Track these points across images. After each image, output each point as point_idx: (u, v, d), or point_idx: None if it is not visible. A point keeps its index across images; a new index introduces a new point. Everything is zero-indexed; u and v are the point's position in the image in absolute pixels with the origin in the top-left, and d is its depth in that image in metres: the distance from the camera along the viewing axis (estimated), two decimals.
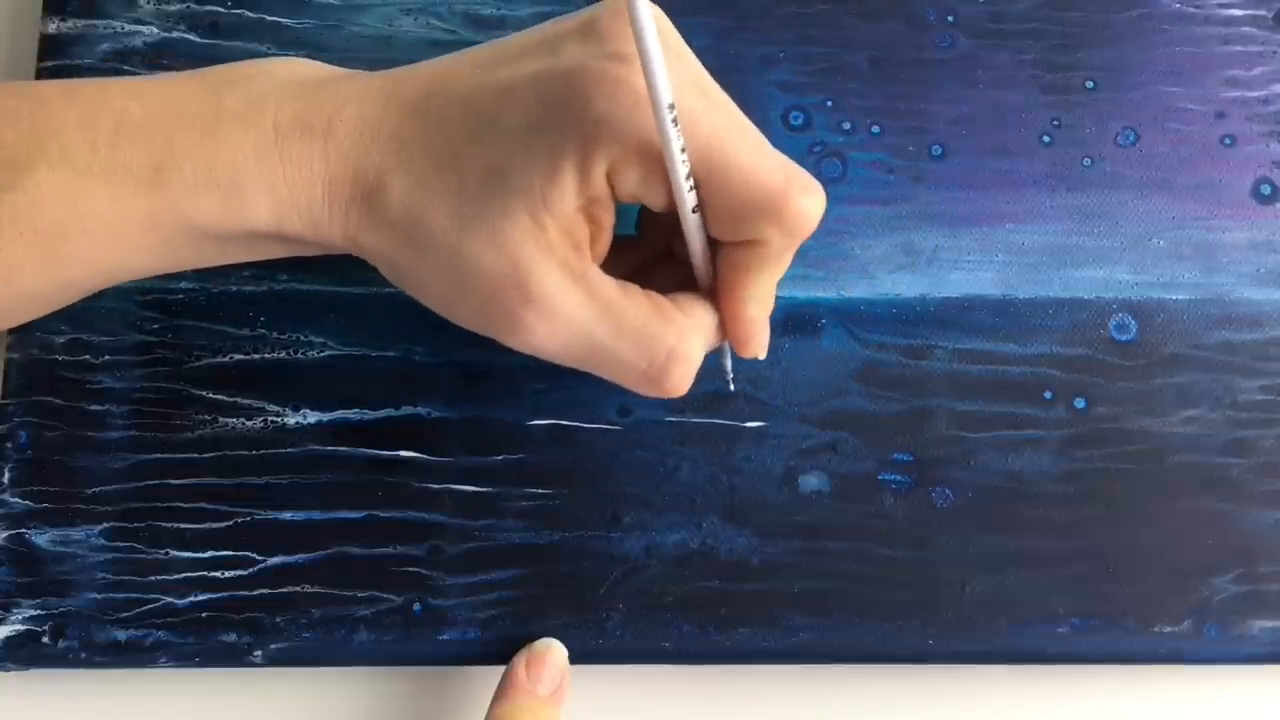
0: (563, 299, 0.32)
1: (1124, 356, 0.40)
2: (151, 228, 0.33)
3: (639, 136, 0.30)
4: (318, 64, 0.35)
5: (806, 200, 0.31)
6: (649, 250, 0.36)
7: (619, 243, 0.36)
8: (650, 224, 0.35)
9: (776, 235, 0.32)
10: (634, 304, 0.33)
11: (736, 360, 0.38)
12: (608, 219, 0.33)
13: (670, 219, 0.33)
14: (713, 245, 0.34)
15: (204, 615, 0.37)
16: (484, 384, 0.39)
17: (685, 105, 0.30)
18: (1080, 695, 0.39)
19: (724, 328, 0.34)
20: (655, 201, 0.32)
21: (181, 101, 0.33)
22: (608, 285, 0.32)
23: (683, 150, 0.30)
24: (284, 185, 0.32)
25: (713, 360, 0.39)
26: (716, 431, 0.39)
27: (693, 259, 0.34)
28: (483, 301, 0.32)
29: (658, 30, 0.31)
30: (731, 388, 0.39)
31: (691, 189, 0.31)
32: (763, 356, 0.35)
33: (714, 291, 0.34)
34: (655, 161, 0.31)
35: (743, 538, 0.38)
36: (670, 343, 0.33)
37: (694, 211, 0.32)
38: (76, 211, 0.32)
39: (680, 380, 0.33)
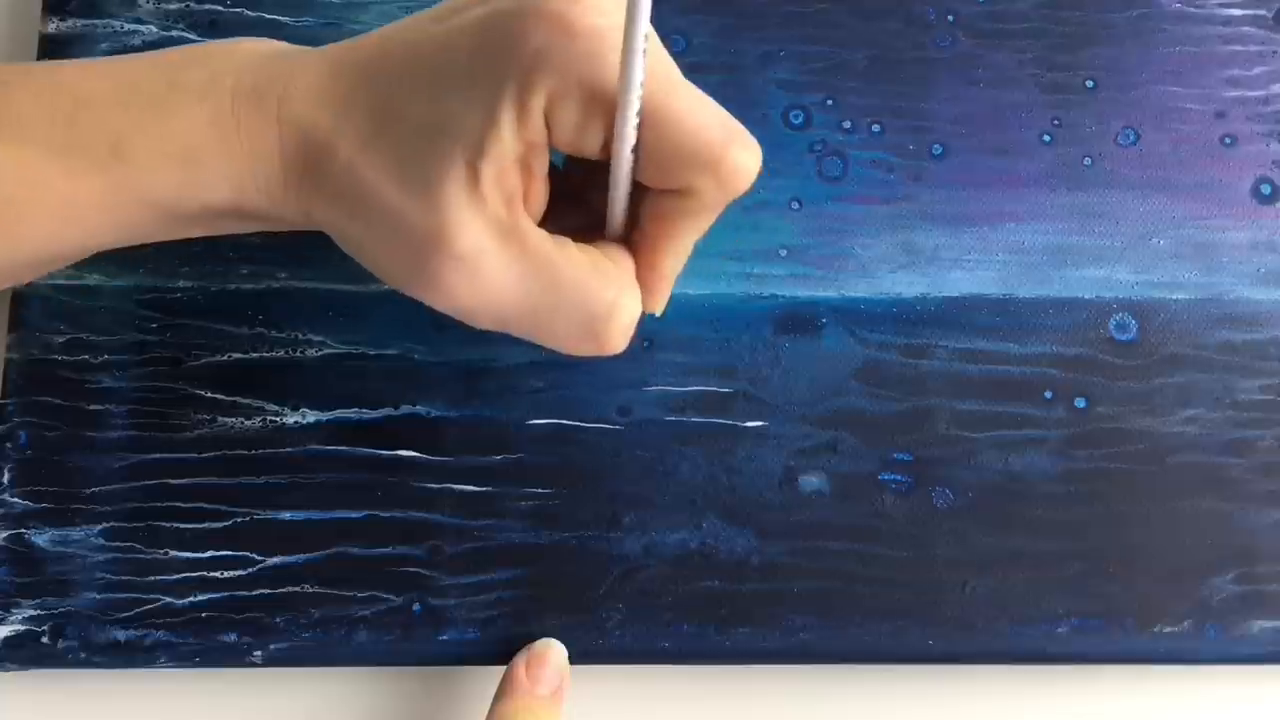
0: (490, 256, 0.31)
1: (1124, 356, 0.40)
2: (110, 204, 0.32)
3: (578, 71, 0.30)
4: (278, 42, 0.34)
5: (745, 155, 0.31)
6: (564, 186, 0.35)
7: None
8: (574, 161, 0.34)
9: (710, 186, 0.31)
10: (570, 258, 0.32)
11: (738, 359, 0.38)
12: (541, 167, 0.32)
13: (593, 161, 0.32)
14: (637, 192, 0.33)
15: (204, 615, 0.37)
16: (484, 384, 0.39)
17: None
18: (1080, 695, 0.39)
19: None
20: (591, 146, 0.31)
21: (140, 80, 0.33)
22: (542, 240, 0.32)
23: (641, 84, 0.29)
24: (241, 157, 0.32)
25: (707, 360, 0.39)
26: (716, 431, 0.39)
27: (612, 203, 0.33)
28: (413, 261, 0.32)
29: None
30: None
31: (634, 128, 0.31)
32: (659, 313, 0.35)
33: (628, 240, 0.34)
34: (595, 100, 0.30)
35: (743, 538, 0.38)
36: (610, 297, 0.32)
37: (630, 152, 0.31)
38: (34, 188, 0.32)
39: (621, 336, 0.33)
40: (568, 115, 0.31)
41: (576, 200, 0.34)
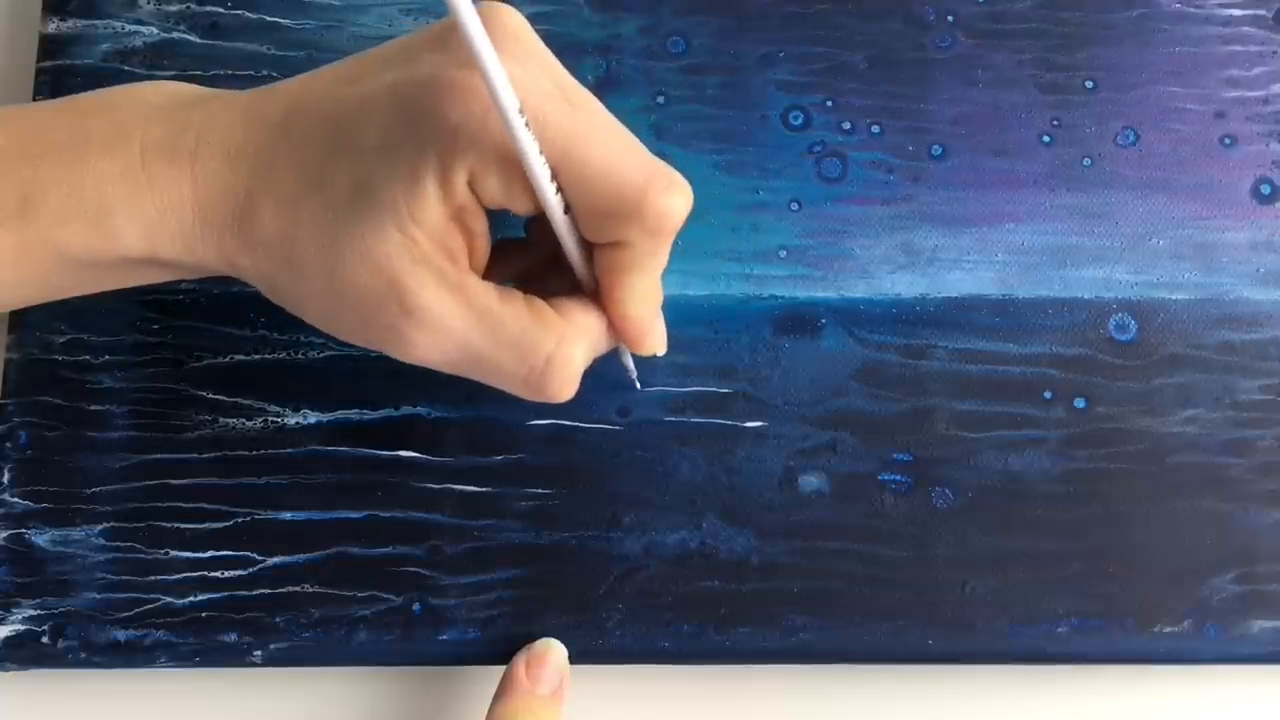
0: (440, 310, 0.32)
1: (1124, 356, 0.40)
2: (23, 259, 0.32)
3: (495, 143, 0.30)
4: (186, 85, 0.34)
5: (666, 199, 0.31)
6: (540, 253, 0.36)
7: (510, 246, 0.35)
8: (539, 227, 0.35)
9: (639, 235, 0.32)
10: (513, 311, 0.32)
11: (738, 360, 0.38)
12: (480, 226, 0.32)
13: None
14: (589, 247, 0.33)
15: (204, 615, 0.37)
16: (484, 385, 0.39)
17: (538, 109, 0.30)
18: (1080, 695, 0.39)
19: (612, 328, 0.34)
20: (522, 207, 0.32)
21: (47, 131, 0.33)
22: (486, 293, 0.32)
23: (540, 153, 0.30)
24: (153, 209, 0.32)
25: (707, 360, 0.39)
26: (716, 431, 0.39)
27: (571, 262, 0.34)
28: (363, 317, 0.32)
29: (515, 34, 0.31)
30: (637, 386, 0.39)
31: (557, 192, 0.31)
32: (661, 353, 0.35)
33: (596, 293, 0.34)
34: (514, 167, 0.30)
35: (742, 538, 0.38)
36: (548, 349, 0.32)
37: (566, 213, 0.32)
38: None
39: (561, 386, 0.33)
40: (491, 183, 0.31)
41: (565, 261, 0.35)
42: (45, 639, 0.37)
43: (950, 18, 0.42)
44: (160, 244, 0.33)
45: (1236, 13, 0.43)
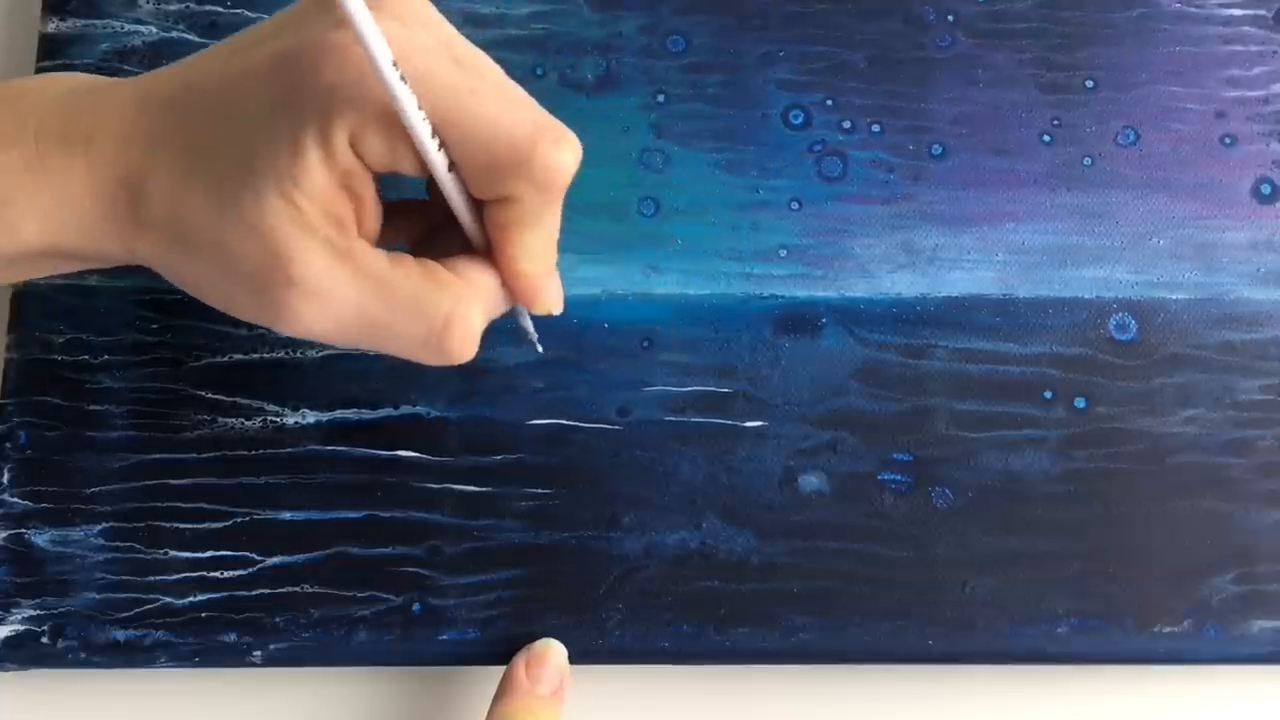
0: (328, 279, 0.31)
1: (1124, 356, 0.40)
2: None
3: (373, 102, 0.30)
4: (88, 76, 0.34)
5: (555, 153, 0.31)
6: (438, 214, 0.35)
7: (409, 208, 0.35)
8: (436, 188, 0.34)
9: (528, 190, 0.31)
10: (406, 274, 0.32)
11: (739, 359, 0.38)
12: (368, 192, 0.32)
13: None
14: (479, 205, 0.33)
15: (203, 615, 0.37)
16: (484, 384, 0.39)
17: (419, 64, 0.30)
18: (1080, 695, 0.39)
19: (506, 287, 0.34)
20: (409, 167, 0.31)
21: None
22: (376, 259, 0.32)
23: (420, 107, 0.30)
24: (50, 200, 0.32)
25: (707, 360, 0.39)
26: (716, 431, 0.39)
27: (460, 220, 0.33)
28: (253, 291, 0.32)
29: None
30: (539, 349, 0.38)
31: (440, 148, 0.31)
32: (558, 311, 0.34)
33: (489, 252, 0.34)
34: (396, 126, 0.30)
35: (742, 538, 0.38)
36: (446, 309, 0.32)
37: (450, 171, 0.31)
38: None
39: (462, 346, 0.32)
40: (373, 143, 0.31)
41: (453, 222, 0.34)
42: (45, 639, 0.37)
43: (950, 17, 0.42)
44: (61, 235, 0.32)
45: (1236, 13, 0.43)
